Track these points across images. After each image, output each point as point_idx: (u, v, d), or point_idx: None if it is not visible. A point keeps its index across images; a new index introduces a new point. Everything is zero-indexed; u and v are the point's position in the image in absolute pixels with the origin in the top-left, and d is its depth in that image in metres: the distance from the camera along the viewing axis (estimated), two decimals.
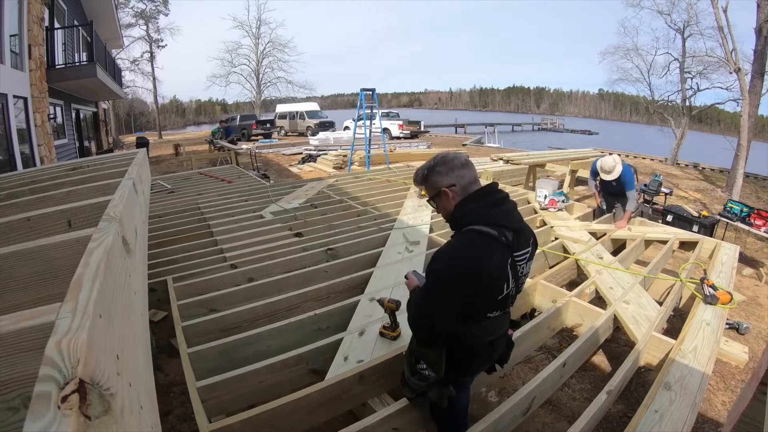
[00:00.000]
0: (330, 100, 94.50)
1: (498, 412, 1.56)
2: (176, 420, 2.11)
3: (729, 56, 10.37)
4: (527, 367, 2.61)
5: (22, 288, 1.08)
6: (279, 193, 5.39)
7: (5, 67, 6.01)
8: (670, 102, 15.71)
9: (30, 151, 6.76)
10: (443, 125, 33.77)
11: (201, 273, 2.98)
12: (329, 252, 3.35)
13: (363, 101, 9.07)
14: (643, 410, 1.62)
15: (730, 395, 2.51)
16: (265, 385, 1.81)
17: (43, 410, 0.53)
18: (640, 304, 2.48)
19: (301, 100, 30.87)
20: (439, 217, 4.27)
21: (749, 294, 4.04)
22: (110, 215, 1.34)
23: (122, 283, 1.15)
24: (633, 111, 62.27)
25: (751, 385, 0.97)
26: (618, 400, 2.23)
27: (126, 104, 39.83)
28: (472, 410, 2.21)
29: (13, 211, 1.73)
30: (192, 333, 2.15)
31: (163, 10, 27.24)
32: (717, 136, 18.04)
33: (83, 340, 0.66)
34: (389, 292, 2.53)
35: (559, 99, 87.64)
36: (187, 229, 4.10)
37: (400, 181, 6.20)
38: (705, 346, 2.06)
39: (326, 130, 20.49)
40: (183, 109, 67.67)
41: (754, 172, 13.22)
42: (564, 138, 30.46)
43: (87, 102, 12.79)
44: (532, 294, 2.70)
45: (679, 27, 14.48)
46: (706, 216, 5.64)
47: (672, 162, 14.67)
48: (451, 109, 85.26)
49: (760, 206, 6.48)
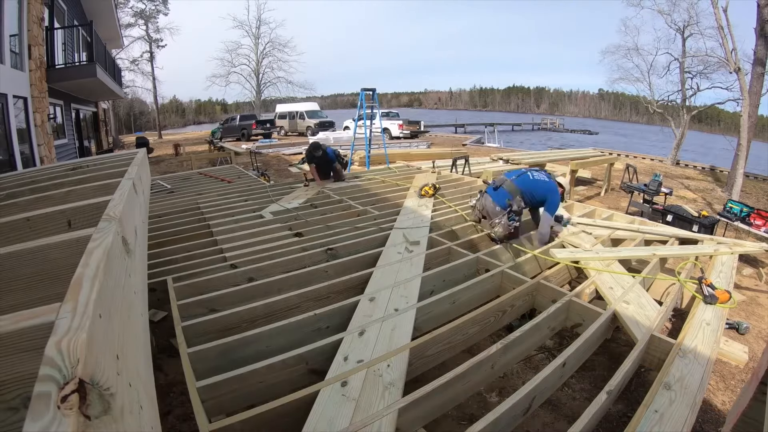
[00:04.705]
0: (330, 100, 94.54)
1: (498, 412, 1.55)
2: (176, 420, 2.11)
3: (729, 56, 10.37)
4: (527, 367, 2.61)
5: (22, 288, 1.09)
6: (279, 193, 5.39)
7: (5, 67, 6.01)
8: (670, 102, 15.72)
9: (30, 151, 6.76)
10: (443, 125, 33.78)
11: (201, 273, 2.97)
12: (329, 252, 3.35)
13: (363, 101, 9.07)
14: (643, 410, 1.62)
15: (730, 395, 2.52)
16: (265, 385, 1.81)
17: (43, 410, 0.53)
18: (640, 304, 2.48)
19: (300, 100, 30.87)
20: (439, 217, 4.27)
21: (749, 294, 4.04)
22: (110, 215, 1.34)
23: (122, 283, 1.15)
24: (633, 111, 62.31)
25: (751, 385, 0.97)
26: (618, 400, 2.23)
27: (126, 104, 39.88)
28: (472, 410, 2.21)
29: (13, 211, 1.73)
30: (192, 333, 2.15)
31: (162, 10, 27.25)
32: (717, 136, 18.07)
33: (83, 340, 0.66)
34: (389, 292, 2.53)
35: (559, 99, 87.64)
36: (187, 229, 4.10)
37: (399, 180, 6.20)
38: (705, 346, 2.05)
39: (326, 130, 20.50)
40: (183, 109, 67.75)
41: (754, 172, 13.23)
42: (564, 138, 30.48)
43: (87, 102, 12.79)
44: (532, 294, 2.70)
45: (680, 27, 14.50)
46: (706, 216, 5.64)
47: (672, 162, 14.67)
48: (451, 109, 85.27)
49: (759, 206, 6.48)
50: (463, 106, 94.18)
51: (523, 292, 2.61)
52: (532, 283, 2.70)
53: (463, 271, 2.97)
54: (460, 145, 16.66)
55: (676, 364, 1.90)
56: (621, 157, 14.27)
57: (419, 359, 1.99)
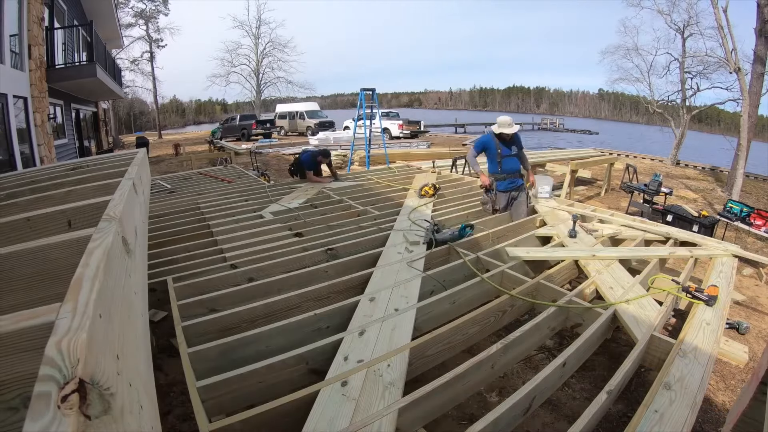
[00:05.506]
0: (330, 100, 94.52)
1: (498, 412, 1.55)
2: (176, 420, 2.11)
3: (729, 56, 10.38)
4: (527, 367, 2.61)
5: (22, 288, 1.09)
6: (279, 193, 5.39)
7: (5, 67, 6.01)
8: (670, 102, 15.72)
9: (30, 151, 6.77)
10: (443, 125, 33.78)
11: (201, 273, 2.97)
12: (329, 252, 3.35)
13: (363, 101, 9.07)
14: (643, 410, 1.62)
15: (730, 395, 2.52)
16: (265, 385, 1.81)
17: (43, 410, 0.53)
18: (640, 304, 2.48)
19: (300, 99, 30.90)
20: (440, 217, 4.27)
21: (749, 294, 4.04)
22: (110, 215, 1.34)
23: (122, 283, 1.15)
24: (633, 111, 62.27)
25: (751, 385, 0.97)
26: (618, 400, 2.23)
27: (126, 104, 39.93)
28: (472, 410, 2.21)
29: (13, 211, 1.73)
30: (192, 333, 2.15)
31: (163, 10, 27.31)
32: (717, 136, 18.06)
33: (83, 340, 0.66)
34: (389, 292, 2.53)
35: (559, 99, 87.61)
36: (187, 229, 4.10)
37: (399, 180, 6.19)
38: (705, 346, 2.05)
39: (326, 129, 20.52)
40: (183, 109, 67.80)
41: (754, 173, 13.23)
42: (564, 138, 30.48)
43: (87, 102, 12.79)
44: (532, 293, 2.70)
45: (680, 27, 14.50)
46: (706, 216, 5.64)
47: (672, 162, 14.68)
48: (451, 109, 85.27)
49: (760, 206, 6.48)
50: (463, 106, 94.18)
51: (523, 292, 2.61)
52: (532, 283, 2.70)
53: (463, 271, 2.97)
54: (460, 145, 16.66)
55: (676, 364, 1.90)
56: (621, 157, 14.28)
57: (419, 359, 1.99)
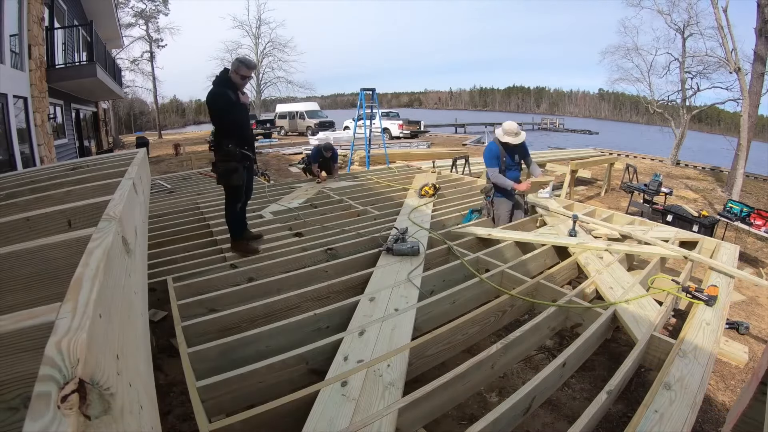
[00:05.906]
0: (330, 100, 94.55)
1: (498, 412, 1.55)
2: (176, 420, 2.11)
3: (729, 56, 10.38)
4: (527, 367, 2.61)
5: (21, 288, 1.09)
6: (279, 193, 5.39)
7: (5, 67, 6.01)
8: (670, 102, 15.71)
9: (30, 150, 6.77)
10: (443, 125, 33.75)
11: (201, 273, 2.97)
12: (329, 252, 3.35)
13: (363, 101, 9.07)
14: (643, 410, 1.62)
15: (730, 395, 2.52)
16: (265, 385, 1.81)
17: (43, 410, 0.53)
18: (640, 304, 2.48)
19: (301, 99, 30.89)
20: (439, 217, 4.27)
21: (749, 294, 4.04)
22: (110, 215, 1.34)
23: (122, 283, 1.15)
24: (633, 111, 62.23)
25: (751, 385, 0.97)
26: (618, 400, 2.23)
27: (126, 104, 39.91)
28: (472, 410, 2.21)
29: (13, 211, 1.73)
30: (192, 333, 2.15)
31: (163, 10, 27.26)
32: (717, 136, 18.05)
33: (83, 340, 0.66)
34: (389, 292, 2.53)
35: (559, 99, 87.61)
36: (187, 229, 4.10)
37: (399, 180, 6.19)
38: (705, 346, 2.05)
39: (326, 129, 20.50)
40: (183, 109, 67.78)
41: (754, 173, 13.23)
42: (564, 137, 30.47)
43: (87, 102, 12.79)
44: (532, 293, 2.70)
45: (680, 27, 14.49)
46: (706, 216, 5.64)
47: (672, 162, 14.67)
48: (451, 109, 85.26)
49: (760, 206, 6.48)
50: (463, 106, 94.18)
51: (523, 291, 2.61)
52: (532, 283, 2.70)
53: (463, 271, 2.97)
54: (460, 145, 16.66)
55: (676, 364, 1.90)
56: (621, 157, 14.27)
57: (419, 359, 1.99)
